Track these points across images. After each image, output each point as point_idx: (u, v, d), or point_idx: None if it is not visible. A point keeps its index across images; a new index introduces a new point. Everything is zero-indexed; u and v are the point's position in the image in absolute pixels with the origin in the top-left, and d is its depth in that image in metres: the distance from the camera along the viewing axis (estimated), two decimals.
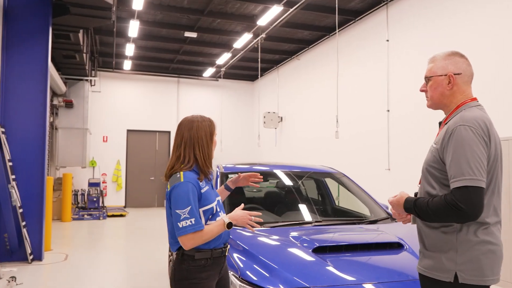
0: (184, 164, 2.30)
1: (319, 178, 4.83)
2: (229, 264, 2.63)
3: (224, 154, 15.32)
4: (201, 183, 2.28)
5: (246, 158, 15.52)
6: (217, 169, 4.10)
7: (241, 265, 2.59)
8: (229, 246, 2.43)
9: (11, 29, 6.26)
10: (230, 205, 3.60)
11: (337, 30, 9.27)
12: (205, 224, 2.24)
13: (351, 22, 9.43)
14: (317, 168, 4.73)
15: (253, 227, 2.31)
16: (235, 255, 2.68)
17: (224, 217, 2.26)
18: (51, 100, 11.38)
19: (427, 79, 2.09)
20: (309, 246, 2.58)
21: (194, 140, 2.34)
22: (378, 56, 8.51)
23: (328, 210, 4.49)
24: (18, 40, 6.28)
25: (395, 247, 2.68)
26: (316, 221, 3.21)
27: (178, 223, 2.15)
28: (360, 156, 8.94)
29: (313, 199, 4.77)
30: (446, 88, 2.00)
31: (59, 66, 10.58)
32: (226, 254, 2.39)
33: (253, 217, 2.31)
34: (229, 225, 2.22)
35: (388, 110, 8.09)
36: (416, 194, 2.09)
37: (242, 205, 2.38)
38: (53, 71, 9.16)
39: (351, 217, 3.86)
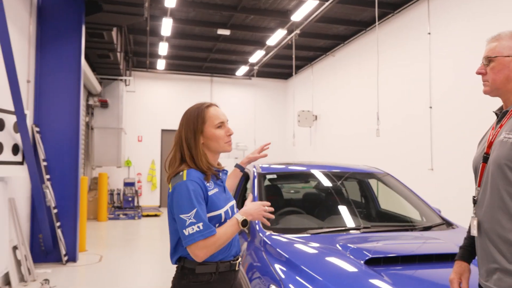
0: (177, 165, 2.00)
1: (362, 179, 4.51)
2: (270, 276, 2.37)
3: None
4: (208, 183, 1.94)
5: (280, 158, 15.24)
6: (254, 169, 3.85)
7: (283, 277, 2.33)
8: (240, 258, 2.07)
9: (45, 27, 6.22)
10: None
11: (377, 23, 8.84)
12: None
13: (389, 16, 8.99)
14: (360, 168, 4.40)
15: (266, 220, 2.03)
16: (277, 266, 2.41)
17: (236, 215, 1.92)
18: (87, 100, 11.45)
19: (489, 59, 1.77)
20: (360, 257, 2.29)
21: (180, 138, 2.03)
22: (419, 50, 8.06)
23: (375, 214, 4.16)
24: (51, 38, 6.23)
25: None
26: (364, 227, 2.91)
27: (184, 230, 1.80)
28: (400, 155, 8.50)
29: (356, 202, 4.46)
30: None
31: (94, 66, 10.61)
32: (238, 268, 2.03)
33: (266, 208, 1.99)
34: (244, 222, 1.89)
35: (431, 107, 7.64)
36: (474, 198, 1.79)
37: (251, 196, 2.11)
38: (88, 71, 9.16)
39: (402, 223, 3.53)
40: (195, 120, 2.00)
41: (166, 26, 9.45)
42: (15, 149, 4.76)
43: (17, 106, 4.37)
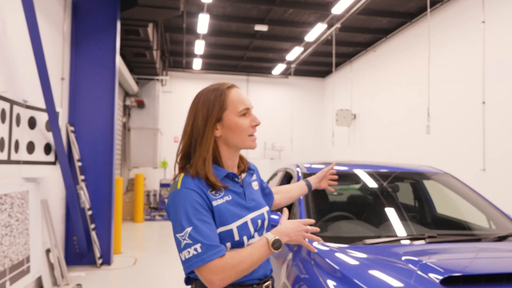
0: (180, 167, 1.61)
1: (416, 180, 4.06)
2: None
3: (295, 154, 14.71)
4: (213, 191, 1.50)
5: (317, 158, 14.78)
6: (298, 169, 3.49)
7: None
8: (270, 281, 1.64)
9: (80, 24, 6.08)
10: (312, 214, 2.96)
11: (428, 10, 8.26)
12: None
13: (437, 5, 8.41)
14: (414, 168, 3.94)
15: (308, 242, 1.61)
16: (330, 283, 2.04)
17: (267, 235, 1.47)
18: (124, 101, 11.40)
19: None
20: (434, 275, 1.89)
21: (187, 129, 1.60)
22: (472, 40, 7.46)
23: (433, 220, 3.72)
24: (86, 35, 6.09)
25: None
26: (429, 237, 2.50)
27: (180, 254, 1.41)
28: (448, 155, 7.90)
29: (409, 206, 4.03)
30: None
31: (130, 65, 10.52)
32: None
33: (309, 228, 1.54)
34: (276, 243, 1.44)
35: (484, 102, 7.04)
36: None
37: (287, 212, 1.61)
38: (124, 70, 9.05)
39: (470, 231, 3.08)
40: (211, 105, 1.54)
41: (203, 23, 9.22)
42: (47, 149, 4.60)
43: (48, 104, 4.20)
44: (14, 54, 3.96)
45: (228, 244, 1.49)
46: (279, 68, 13.85)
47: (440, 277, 1.85)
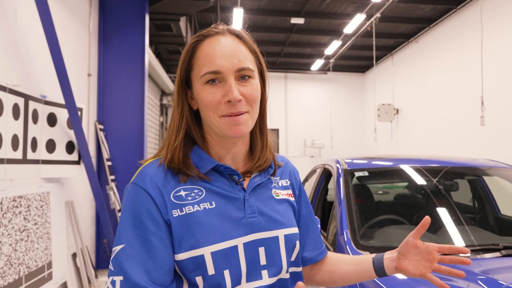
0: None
1: (476, 175, 3.50)
2: None
3: (335, 151, 14.17)
4: (179, 191, 0.99)
5: (359, 155, 14.17)
6: (338, 165, 3.03)
7: None
8: None
9: (107, 20, 5.86)
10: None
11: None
12: None
13: None
14: (471, 162, 3.38)
15: None
16: None
17: None
18: (160, 100, 11.25)
19: None
20: None
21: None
22: None
23: (502, 225, 3.18)
24: (113, 30, 5.87)
25: None
26: (505, 247, 2.00)
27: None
28: (506, 148, 7.16)
29: (469, 208, 3.50)
30: None
31: (166, 64, 10.36)
32: None
33: None
34: None
35: None
36: None
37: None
38: (159, 69, 8.86)
39: None
40: (180, 61, 1.06)
41: (237, 17, 8.88)
42: (70, 147, 4.36)
43: (67, 99, 3.94)
44: (29, 47, 3.73)
45: (199, 279, 0.95)
46: (317, 63, 13.37)
47: None
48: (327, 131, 14.37)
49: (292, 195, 1.16)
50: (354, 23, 9.47)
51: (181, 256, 0.95)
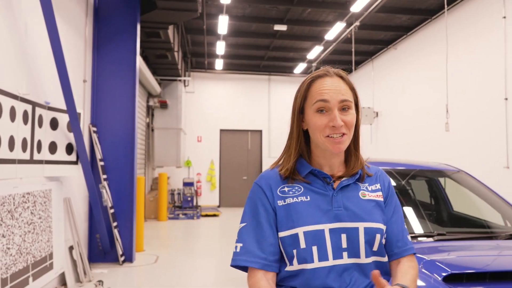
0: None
1: (431, 177, 4.02)
2: None
3: None
4: (288, 188, 1.36)
5: None
6: None
7: None
8: None
9: (101, 27, 6.24)
10: None
11: (446, 9, 8.15)
12: (286, 266, 1.32)
13: (458, 1, 8.26)
14: (429, 165, 3.91)
15: None
16: None
17: None
18: (147, 101, 11.62)
19: None
20: (437, 272, 1.89)
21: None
22: (492, 36, 7.30)
23: (448, 218, 3.68)
24: (107, 38, 6.25)
25: None
26: (438, 234, 2.49)
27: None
28: (471, 152, 7.75)
29: (425, 204, 3.99)
30: None
31: (153, 67, 10.71)
32: None
33: None
34: None
35: (506, 98, 6.89)
36: None
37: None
38: (147, 72, 9.23)
39: (482, 229, 3.04)
40: (297, 94, 1.43)
41: (223, 24, 9.31)
42: (69, 149, 4.75)
43: (69, 105, 4.34)
44: (36, 57, 4.12)
45: (294, 251, 1.30)
46: (300, 67, 13.84)
47: (443, 274, 1.85)
48: None
49: (381, 197, 1.41)
50: (335, 31, 9.96)
51: (282, 234, 1.32)
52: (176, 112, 12.04)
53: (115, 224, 6.06)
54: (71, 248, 5.10)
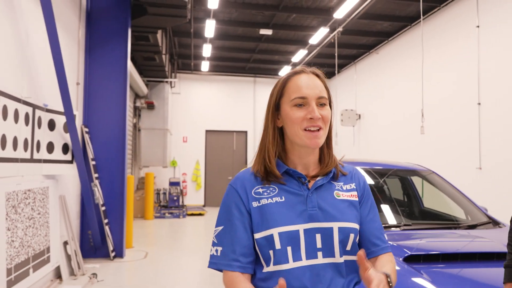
0: None
1: (404, 176, 4.40)
2: None
3: None
4: (261, 188, 1.36)
5: None
6: None
7: None
8: None
9: (93, 32, 6.48)
10: None
11: (421, 18, 8.59)
12: (263, 267, 1.33)
13: (436, 9, 8.70)
14: (403, 165, 4.30)
15: None
16: None
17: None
18: (134, 102, 11.83)
19: None
20: (399, 254, 2.23)
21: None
22: (467, 44, 7.75)
23: (417, 213, 4.04)
24: (99, 42, 6.48)
25: (504, 258, 2.26)
26: (405, 225, 2.84)
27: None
28: (446, 153, 8.19)
29: (398, 200, 4.36)
30: None
31: (140, 69, 10.94)
32: None
33: None
34: None
35: (479, 103, 7.33)
36: None
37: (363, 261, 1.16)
38: (134, 74, 9.46)
39: (445, 221, 3.41)
40: (273, 91, 1.45)
41: (210, 28, 9.60)
42: (65, 148, 4.99)
43: (66, 107, 4.59)
44: (35, 63, 4.36)
45: (271, 252, 1.30)
46: (285, 69, 14.18)
47: (404, 255, 2.19)
48: None
49: (356, 196, 1.41)
50: (319, 35, 10.33)
51: (258, 235, 1.32)
52: (163, 113, 12.28)
53: (106, 221, 6.30)
54: (65, 243, 5.34)
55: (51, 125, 4.68)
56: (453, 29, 8.24)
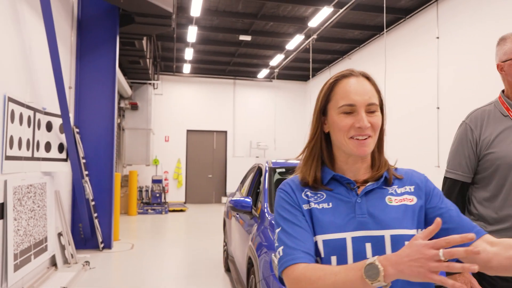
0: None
1: None
2: (273, 247, 2.91)
3: (278, 154, 15.66)
4: (307, 192, 1.28)
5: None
6: (266, 164, 4.43)
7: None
8: None
9: (84, 39, 6.96)
10: None
11: (385, 30, 9.32)
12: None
13: (401, 21, 9.45)
14: None
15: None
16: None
17: (370, 259, 1.01)
18: (119, 103, 12.26)
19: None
20: None
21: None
22: (428, 53, 8.50)
23: None
24: (89, 49, 6.97)
25: None
26: None
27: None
28: (408, 152, 8.94)
29: None
30: None
31: (125, 71, 11.39)
32: None
33: (441, 252, 0.93)
34: (370, 271, 0.99)
35: (438, 108, 8.08)
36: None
37: (432, 227, 0.98)
38: (120, 76, 9.92)
39: None
40: (319, 95, 1.34)
41: (192, 33, 10.14)
42: (60, 148, 5.48)
43: (63, 111, 5.08)
44: (36, 70, 4.85)
45: (318, 260, 1.20)
46: (263, 72, 14.80)
47: None
48: (272, 134, 15.87)
49: (412, 200, 1.26)
50: (295, 42, 10.98)
51: (322, 236, 1.20)
52: (146, 113, 12.75)
53: (95, 215, 6.79)
54: (59, 234, 5.83)
55: (49, 127, 5.17)
56: (416, 38, 8.99)
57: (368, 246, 1.17)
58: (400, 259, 0.96)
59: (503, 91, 2.04)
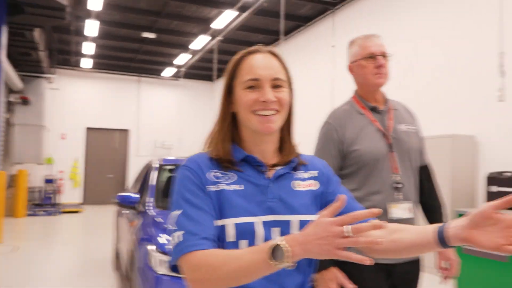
0: None
1: None
2: (152, 240, 3.00)
3: (183, 152, 15.58)
4: (217, 173, 1.20)
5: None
6: (156, 162, 4.45)
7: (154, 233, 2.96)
8: None
9: None
10: None
11: (283, 37, 9.76)
12: None
13: (301, 28, 9.97)
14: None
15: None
16: (156, 230, 3.05)
17: (273, 240, 0.97)
18: (7, 97, 11.37)
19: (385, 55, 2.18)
20: None
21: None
22: (324, 61, 9.07)
23: None
24: None
25: None
26: None
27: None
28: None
29: None
30: None
31: (16, 63, 10.60)
32: None
33: (349, 228, 0.91)
34: (277, 252, 0.95)
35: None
36: (397, 184, 2.06)
37: (335, 205, 0.97)
38: (8, 68, 9.22)
39: None
40: (226, 73, 1.28)
41: (90, 28, 9.76)
42: None
43: None
44: None
45: (220, 246, 1.13)
46: (169, 71, 14.67)
47: None
48: (177, 133, 15.74)
49: (316, 185, 1.27)
50: (199, 42, 11.06)
51: (227, 220, 1.14)
52: (39, 108, 11.98)
53: None
54: None
55: None
56: (314, 46, 9.55)
57: (276, 231, 1.16)
58: (307, 238, 0.93)
59: (356, 91, 2.24)
